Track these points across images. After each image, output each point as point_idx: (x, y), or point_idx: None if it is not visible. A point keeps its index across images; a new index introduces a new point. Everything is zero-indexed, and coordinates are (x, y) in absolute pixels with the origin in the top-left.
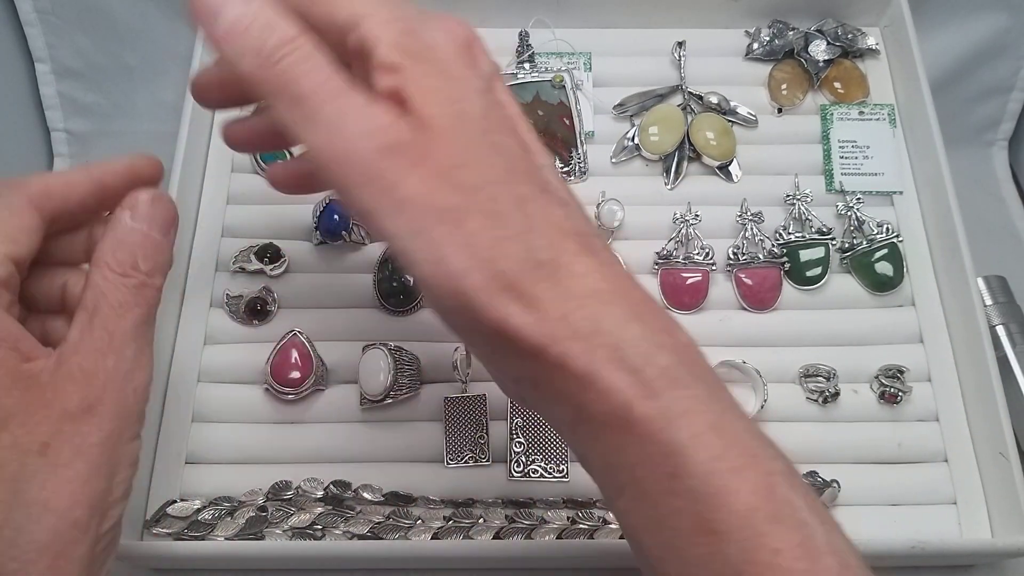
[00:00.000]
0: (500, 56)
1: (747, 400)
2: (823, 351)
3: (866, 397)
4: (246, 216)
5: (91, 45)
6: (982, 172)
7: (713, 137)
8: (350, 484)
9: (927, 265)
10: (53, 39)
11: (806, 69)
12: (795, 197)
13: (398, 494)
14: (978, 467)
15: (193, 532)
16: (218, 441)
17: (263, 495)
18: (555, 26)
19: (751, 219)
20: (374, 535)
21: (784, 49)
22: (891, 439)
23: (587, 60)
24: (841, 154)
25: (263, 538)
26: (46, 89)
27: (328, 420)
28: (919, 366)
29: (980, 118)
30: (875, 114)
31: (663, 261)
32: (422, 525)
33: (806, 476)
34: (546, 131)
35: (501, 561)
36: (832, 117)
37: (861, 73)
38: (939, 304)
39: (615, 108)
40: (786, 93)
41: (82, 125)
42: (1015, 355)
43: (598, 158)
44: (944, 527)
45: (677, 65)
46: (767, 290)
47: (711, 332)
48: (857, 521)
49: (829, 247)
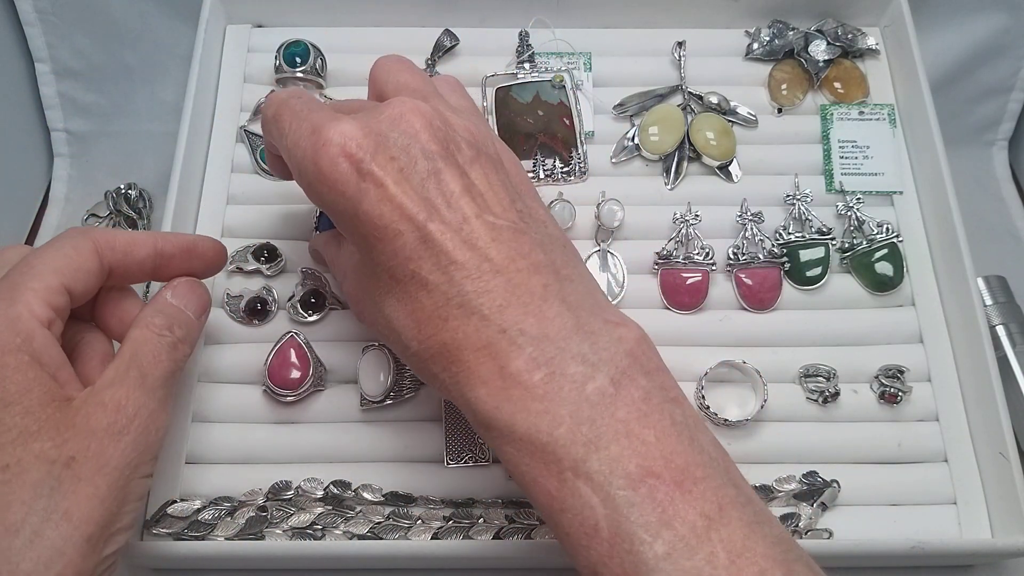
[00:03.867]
0: (500, 56)
1: (747, 400)
2: (823, 351)
3: (866, 397)
4: (246, 216)
5: (91, 45)
6: (982, 172)
7: (713, 137)
8: (350, 484)
9: (927, 265)
10: (53, 39)
11: (806, 69)
12: (795, 197)
13: (398, 494)
14: (978, 467)
15: (193, 532)
16: (218, 441)
17: (263, 495)
18: (555, 26)
19: (751, 219)
20: (374, 535)
21: (784, 49)
22: (891, 439)
23: (587, 60)
24: (841, 154)
25: (263, 538)
26: (46, 89)
27: (328, 420)
28: (919, 366)
29: (980, 118)
30: (875, 114)
31: (663, 261)
32: (422, 525)
33: (806, 476)
34: (546, 131)
35: (501, 561)
36: (832, 117)
37: (861, 73)
38: (939, 304)
39: (615, 108)
40: (786, 93)
41: (82, 125)
42: (1015, 355)
43: (598, 158)
44: (944, 527)
45: (677, 65)
46: (767, 290)
47: (711, 332)
48: (857, 521)
49: (829, 247)
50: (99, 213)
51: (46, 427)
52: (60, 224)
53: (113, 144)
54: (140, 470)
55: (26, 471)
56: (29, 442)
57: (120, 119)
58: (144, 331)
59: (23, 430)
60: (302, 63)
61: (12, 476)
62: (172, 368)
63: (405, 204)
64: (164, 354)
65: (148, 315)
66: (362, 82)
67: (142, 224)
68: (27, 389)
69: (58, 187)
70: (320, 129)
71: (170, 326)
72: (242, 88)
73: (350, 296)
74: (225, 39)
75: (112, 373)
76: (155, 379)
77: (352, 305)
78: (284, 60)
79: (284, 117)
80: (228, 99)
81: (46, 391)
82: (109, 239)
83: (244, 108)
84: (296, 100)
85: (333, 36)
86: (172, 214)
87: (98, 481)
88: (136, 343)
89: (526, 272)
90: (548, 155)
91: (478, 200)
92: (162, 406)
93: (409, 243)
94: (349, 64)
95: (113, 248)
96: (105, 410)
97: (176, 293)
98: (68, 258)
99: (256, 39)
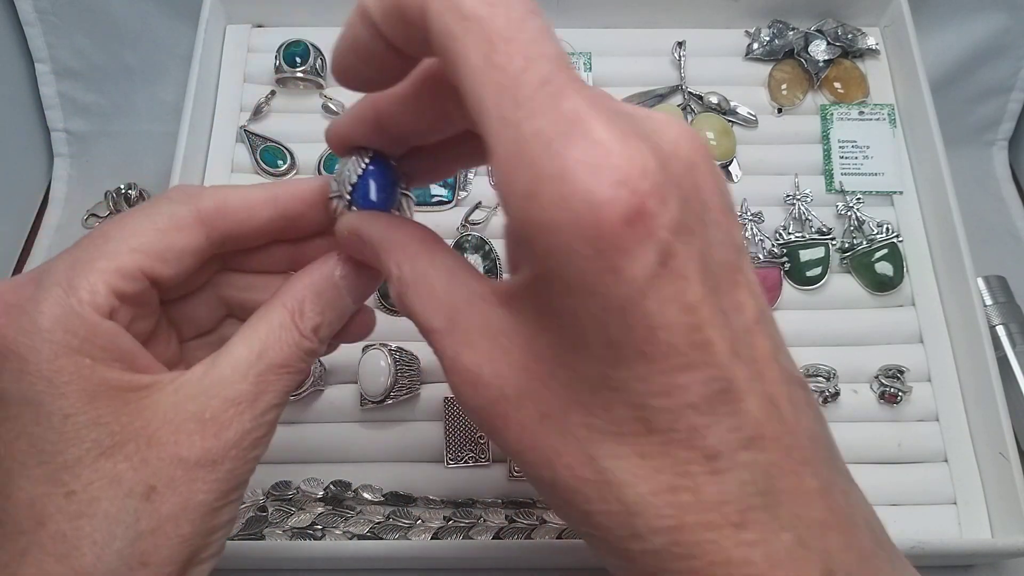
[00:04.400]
0: None
1: None
2: (823, 351)
3: (866, 397)
4: None
5: (91, 45)
6: (982, 172)
7: (713, 137)
8: (350, 484)
9: (927, 265)
10: (53, 39)
11: (806, 69)
12: (795, 197)
13: (398, 494)
14: (978, 467)
15: None
16: None
17: (263, 495)
18: (555, 26)
19: (751, 219)
20: (374, 535)
21: (784, 49)
22: (891, 439)
23: (587, 60)
24: (841, 154)
25: (263, 538)
26: (46, 89)
27: (328, 420)
28: (919, 366)
29: (980, 118)
30: (875, 114)
31: None
32: (422, 525)
33: None
34: None
35: (501, 561)
36: (832, 117)
37: (861, 73)
38: (939, 304)
39: None
40: (786, 93)
41: (82, 125)
42: (1015, 355)
43: None
44: (944, 527)
45: (677, 65)
46: (767, 290)
47: None
48: None
49: (829, 247)
50: (99, 213)
51: (121, 443)
52: (60, 224)
53: (113, 144)
54: (231, 495)
55: (97, 500)
56: (100, 460)
57: (120, 119)
58: (284, 318)
59: (93, 444)
60: (302, 63)
61: (82, 506)
62: (291, 387)
63: (708, 325)
64: (295, 362)
65: (298, 296)
66: None
67: None
68: (92, 397)
69: (58, 187)
70: (586, 124)
71: (317, 324)
72: (242, 88)
73: (482, 383)
74: (225, 39)
75: (229, 372)
76: (274, 396)
77: (481, 402)
78: (284, 60)
79: (489, 36)
80: (228, 99)
81: (116, 393)
82: (219, 203)
83: (244, 108)
84: (524, 14)
85: (333, 36)
86: None
87: (182, 520)
88: (263, 339)
89: (826, 464)
90: None
91: (768, 328)
92: (269, 431)
93: (697, 387)
94: None
95: (225, 214)
96: (203, 431)
97: (347, 271)
98: (158, 232)
99: (256, 39)
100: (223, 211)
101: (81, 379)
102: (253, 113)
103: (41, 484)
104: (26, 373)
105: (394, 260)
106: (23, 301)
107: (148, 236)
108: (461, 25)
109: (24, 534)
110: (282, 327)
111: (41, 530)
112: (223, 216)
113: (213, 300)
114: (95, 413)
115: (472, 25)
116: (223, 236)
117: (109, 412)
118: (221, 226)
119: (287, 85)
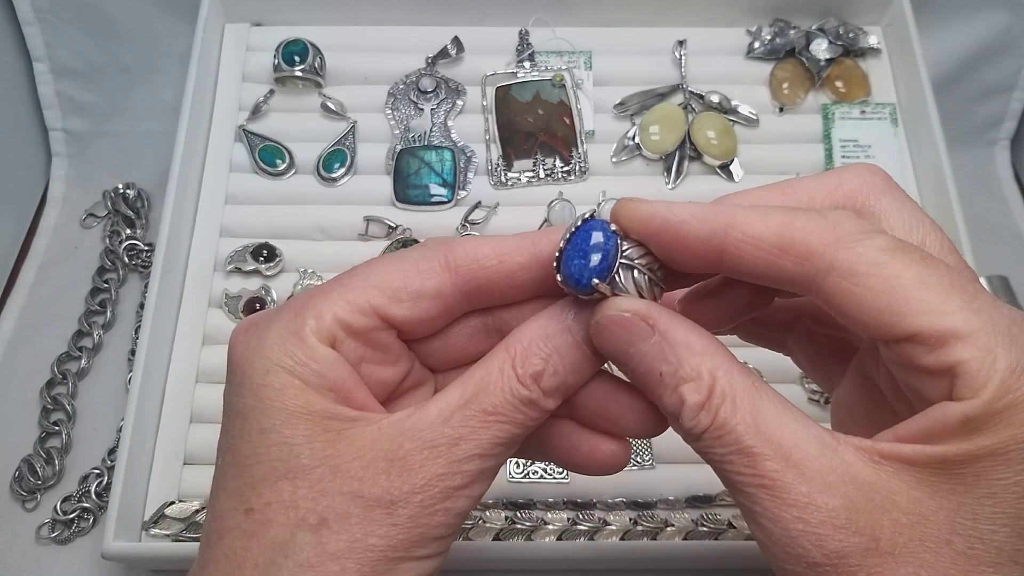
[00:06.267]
0: (500, 55)
1: None
2: None
3: None
4: (244, 216)
5: (89, 44)
6: (984, 172)
7: (714, 136)
8: None
9: None
10: (51, 38)
11: (807, 68)
12: None
13: None
14: None
15: (191, 533)
16: (217, 442)
17: None
18: (555, 25)
19: None
20: None
21: (785, 48)
22: None
23: (587, 59)
24: (843, 153)
25: None
26: (44, 88)
27: None
28: None
29: (982, 117)
30: (877, 113)
31: None
32: None
33: None
34: (546, 130)
35: (501, 562)
36: (834, 116)
37: (863, 72)
38: None
39: (616, 107)
40: (787, 92)
41: (80, 124)
42: None
43: (599, 157)
44: None
45: (678, 64)
46: None
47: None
48: None
49: None
50: (97, 213)
51: (308, 469)
52: (58, 224)
53: (111, 143)
54: (413, 550)
55: (270, 523)
56: (281, 482)
57: (118, 118)
58: (503, 363)
59: (279, 463)
60: (301, 62)
61: (255, 526)
62: (508, 438)
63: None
64: (507, 411)
65: (522, 339)
66: (361, 81)
67: (139, 223)
68: (290, 416)
69: (56, 187)
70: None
71: (539, 371)
72: (241, 87)
73: (850, 529)
74: (223, 38)
75: (420, 416)
76: (476, 445)
77: (841, 547)
78: (283, 59)
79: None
80: (227, 98)
81: (316, 421)
82: (472, 248)
83: (243, 107)
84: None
85: (332, 35)
86: (170, 214)
87: (347, 562)
88: (477, 382)
89: None
90: (548, 154)
91: None
92: (473, 483)
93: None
94: (348, 63)
95: (475, 259)
96: (390, 469)
97: (576, 319)
98: (399, 272)
99: (255, 38)
100: (473, 256)
101: (284, 398)
102: (252, 112)
103: (231, 497)
104: (243, 386)
105: (707, 367)
106: (265, 321)
107: (388, 275)
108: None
109: (209, 547)
110: (500, 371)
111: (219, 544)
112: (473, 261)
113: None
114: (288, 433)
115: None
116: (471, 284)
117: (303, 436)
118: (468, 273)
119: (286, 84)
